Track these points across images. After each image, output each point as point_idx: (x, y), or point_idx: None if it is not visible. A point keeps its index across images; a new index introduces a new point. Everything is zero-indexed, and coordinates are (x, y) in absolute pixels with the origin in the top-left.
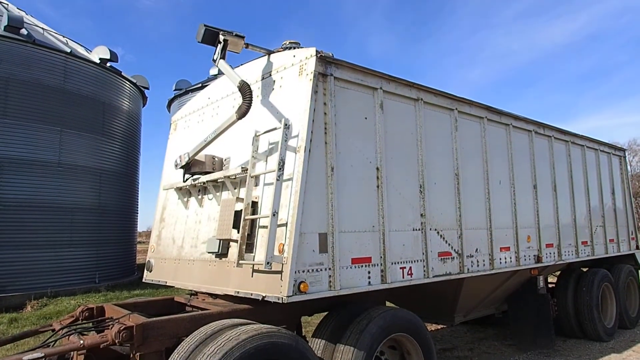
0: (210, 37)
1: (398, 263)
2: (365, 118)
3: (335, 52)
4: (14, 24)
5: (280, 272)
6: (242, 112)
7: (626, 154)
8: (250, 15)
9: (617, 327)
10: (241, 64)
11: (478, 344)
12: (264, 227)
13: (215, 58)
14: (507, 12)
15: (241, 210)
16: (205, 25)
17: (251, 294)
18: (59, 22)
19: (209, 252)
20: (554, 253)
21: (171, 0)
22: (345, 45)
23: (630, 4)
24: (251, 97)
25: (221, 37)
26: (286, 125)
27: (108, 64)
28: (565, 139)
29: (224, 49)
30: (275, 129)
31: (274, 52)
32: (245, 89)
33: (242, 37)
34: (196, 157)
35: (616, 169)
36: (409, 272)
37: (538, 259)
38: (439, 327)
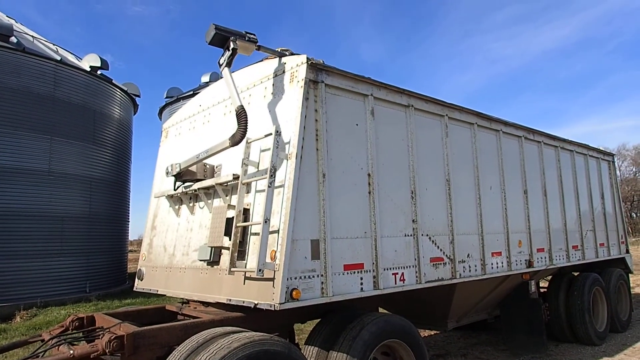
0: (220, 40)
1: (390, 269)
2: (357, 125)
3: (327, 59)
4: (4, 32)
5: (272, 279)
6: (236, 141)
7: (615, 158)
8: (240, 23)
9: (609, 330)
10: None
11: (471, 349)
12: (255, 234)
13: (221, 62)
14: (498, 17)
15: (233, 217)
16: (216, 27)
17: (243, 302)
18: (47, 28)
19: (200, 260)
20: (545, 258)
21: (161, 7)
22: (337, 52)
23: (619, 10)
24: (246, 125)
25: (231, 45)
26: (277, 132)
27: (99, 72)
28: (555, 144)
29: (232, 55)
30: (266, 135)
31: (286, 55)
32: (241, 116)
33: (254, 42)
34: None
35: (605, 174)
36: (402, 278)
37: (529, 264)
38: (432, 332)
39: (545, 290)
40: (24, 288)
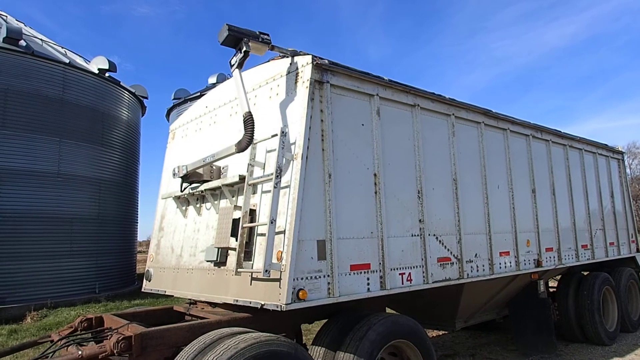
0: (233, 41)
1: (397, 269)
2: (362, 125)
3: (333, 59)
4: (13, 36)
5: (279, 280)
6: (242, 147)
7: (625, 156)
8: (246, 23)
9: (619, 330)
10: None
11: (480, 349)
12: (262, 234)
13: (232, 63)
14: (504, 15)
15: (239, 218)
16: (229, 28)
17: (250, 302)
18: (54, 31)
19: (207, 261)
20: (554, 257)
21: (167, 8)
22: (344, 52)
23: (627, 6)
24: (253, 131)
25: (244, 47)
26: (283, 132)
27: (107, 74)
28: (563, 142)
29: (244, 57)
30: (272, 136)
31: (299, 54)
32: (248, 122)
33: (268, 43)
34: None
35: (615, 172)
36: (408, 278)
37: (538, 263)
38: (440, 333)
39: (555, 289)
40: (34, 289)
